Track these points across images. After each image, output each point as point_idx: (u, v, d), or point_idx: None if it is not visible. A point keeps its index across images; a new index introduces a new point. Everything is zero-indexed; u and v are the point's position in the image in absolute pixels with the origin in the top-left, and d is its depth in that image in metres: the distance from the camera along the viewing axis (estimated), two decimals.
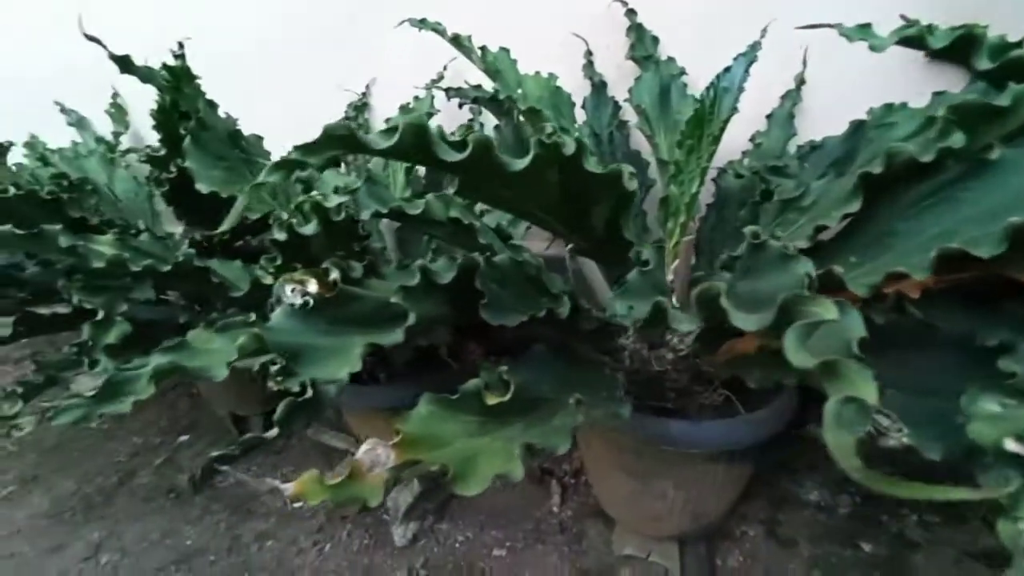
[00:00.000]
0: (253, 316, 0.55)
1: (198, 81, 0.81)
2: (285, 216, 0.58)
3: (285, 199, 0.89)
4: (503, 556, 0.93)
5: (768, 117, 0.94)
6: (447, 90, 1.00)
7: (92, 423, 0.71)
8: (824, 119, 0.90)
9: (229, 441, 1.27)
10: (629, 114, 1.03)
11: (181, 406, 1.44)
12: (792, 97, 0.92)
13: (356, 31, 1.21)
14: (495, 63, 0.83)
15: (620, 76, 1.02)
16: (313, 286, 0.43)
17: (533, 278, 0.60)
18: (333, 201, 0.58)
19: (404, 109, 1.04)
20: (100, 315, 0.69)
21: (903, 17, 0.71)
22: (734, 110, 0.73)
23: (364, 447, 0.39)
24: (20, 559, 1.01)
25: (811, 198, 0.63)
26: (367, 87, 1.23)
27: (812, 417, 0.78)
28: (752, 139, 0.94)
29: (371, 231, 0.83)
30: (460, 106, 1.06)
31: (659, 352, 0.76)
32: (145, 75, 0.78)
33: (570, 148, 0.46)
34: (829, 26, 0.67)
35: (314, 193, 0.58)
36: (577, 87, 1.04)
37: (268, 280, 0.67)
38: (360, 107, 1.23)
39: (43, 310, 0.93)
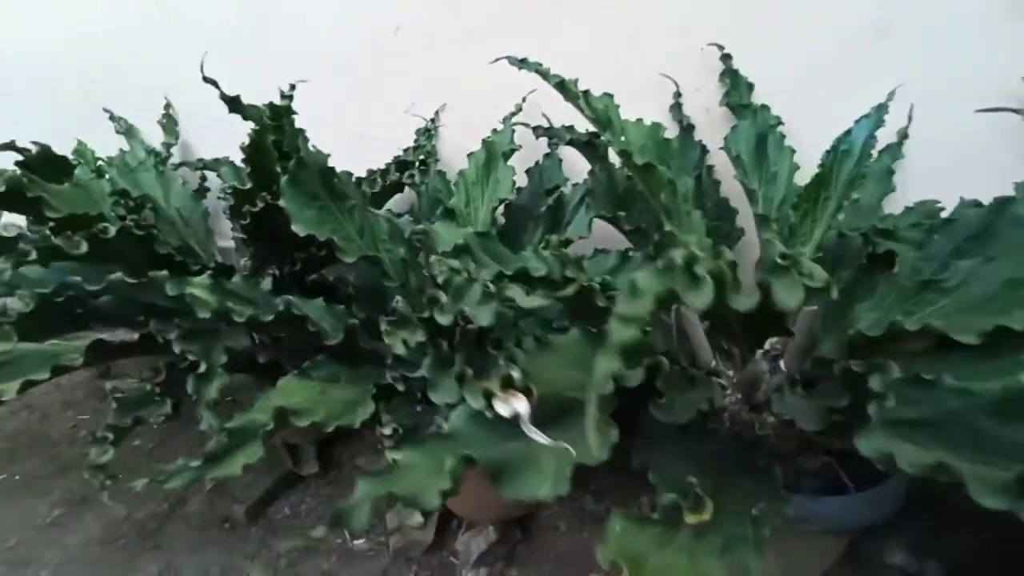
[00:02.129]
0: (444, 425, 0.48)
1: (295, 117, 0.78)
2: (443, 300, 0.56)
3: (372, 239, 0.87)
4: None
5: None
6: (536, 129, 0.98)
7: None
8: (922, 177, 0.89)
9: (282, 471, 1.24)
10: (713, 158, 1.01)
11: None
12: (892, 152, 0.90)
13: (423, 55, 1.19)
14: (603, 111, 0.81)
15: (709, 120, 1.00)
16: (524, 405, 0.40)
17: None
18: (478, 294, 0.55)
19: (486, 144, 1.01)
20: (203, 367, 0.67)
21: None
22: (860, 177, 0.71)
23: None
24: None
25: (956, 280, 0.61)
26: (436, 113, 1.21)
27: None
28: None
29: None
30: (537, 137, 1.04)
31: (761, 416, 0.74)
32: (251, 114, 0.76)
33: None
34: (1012, 111, 0.65)
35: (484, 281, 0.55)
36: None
37: (391, 340, 0.65)
38: (429, 132, 1.20)
39: (108, 336, 0.91)
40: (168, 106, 1.52)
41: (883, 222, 0.81)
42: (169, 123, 1.52)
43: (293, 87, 0.77)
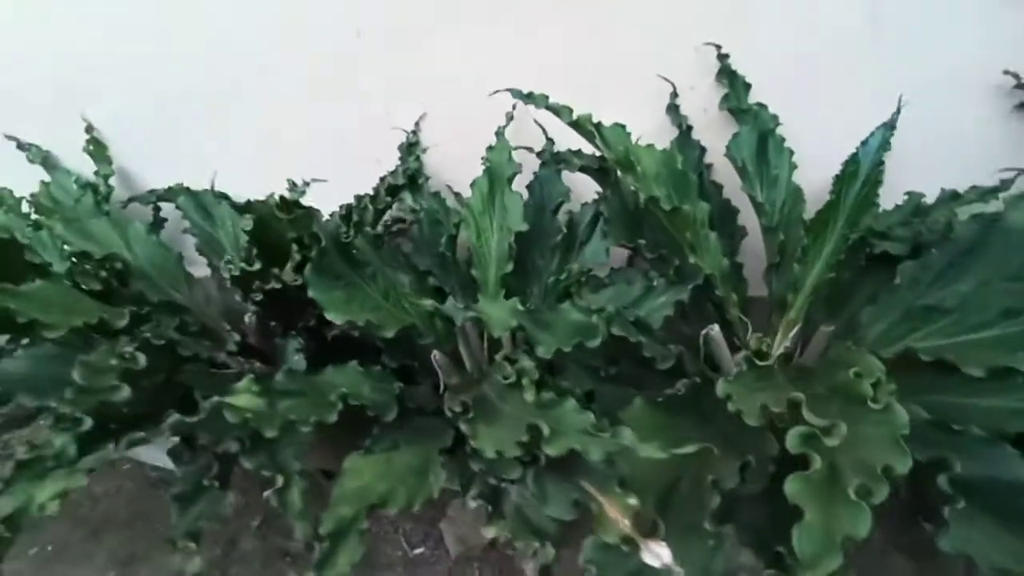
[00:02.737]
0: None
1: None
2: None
3: (397, 301, 0.86)
4: None
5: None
6: (541, 154, 0.95)
7: None
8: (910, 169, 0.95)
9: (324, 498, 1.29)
10: (711, 156, 1.02)
11: None
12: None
13: (391, 54, 1.08)
14: (616, 141, 0.80)
15: (707, 120, 1.00)
16: (667, 552, 0.45)
17: None
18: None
19: (488, 170, 0.97)
20: (280, 482, 0.68)
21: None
22: (869, 204, 0.76)
23: None
24: None
25: (954, 301, 0.69)
26: (416, 124, 1.13)
27: None
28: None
29: None
30: (542, 164, 1.02)
31: None
32: (259, 210, 0.69)
33: None
34: None
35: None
36: (657, 128, 1.02)
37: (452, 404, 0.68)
38: (412, 146, 1.13)
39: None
40: (90, 128, 1.32)
41: (878, 222, 0.88)
42: (98, 149, 1.33)
43: (307, 184, 0.70)
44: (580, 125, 0.79)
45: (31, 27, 1.21)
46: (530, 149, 0.98)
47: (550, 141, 1.06)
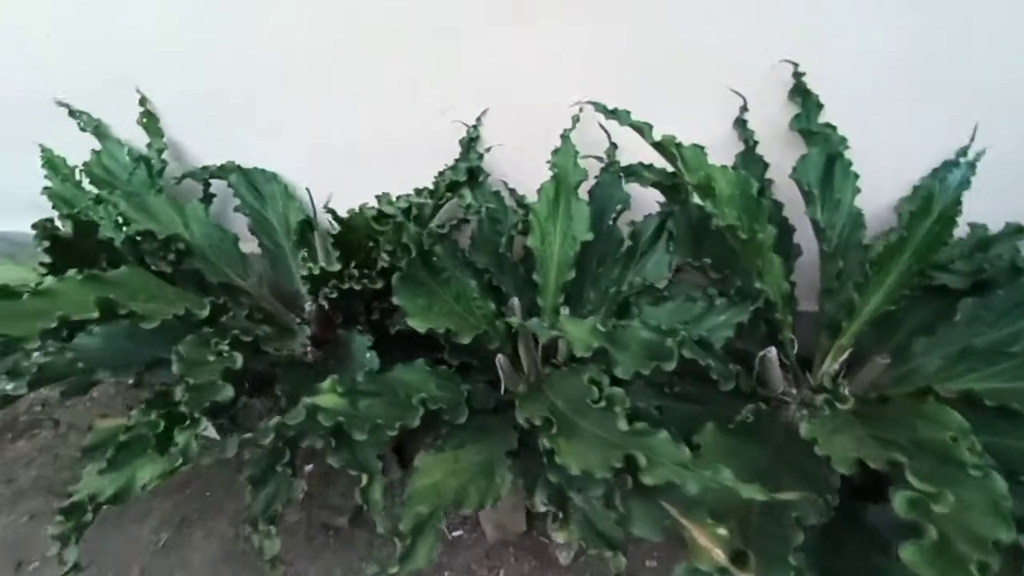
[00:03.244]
0: None
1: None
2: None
3: (467, 305, 0.89)
4: (655, 567, 1.13)
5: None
6: (608, 166, 0.96)
7: None
8: None
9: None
10: (772, 172, 1.03)
11: None
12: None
13: (460, 45, 1.07)
14: (697, 165, 0.81)
15: (772, 136, 1.00)
16: None
17: None
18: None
19: (555, 175, 0.98)
20: (364, 480, 0.72)
21: None
22: (939, 237, 0.77)
23: None
24: None
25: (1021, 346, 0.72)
26: (478, 119, 1.13)
27: None
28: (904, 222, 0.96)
29: None
30: (615, 175, 1.02)
31: None
32: (353, 221, 0.71)
33: None
34: None
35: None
36: (722, 140, 1.02)
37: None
38: (472, 141, 1.13)
39: None
40: (144, 100, 1.31)
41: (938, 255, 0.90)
42: (151, 121, 1.33)
43: (399, 197, 0.71)
44: (663, 146, 0.80)
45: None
46: (599, 159, 0.99)
47: (613, 146, 1.06)
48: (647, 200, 1.06)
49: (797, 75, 0.93)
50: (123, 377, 0.96)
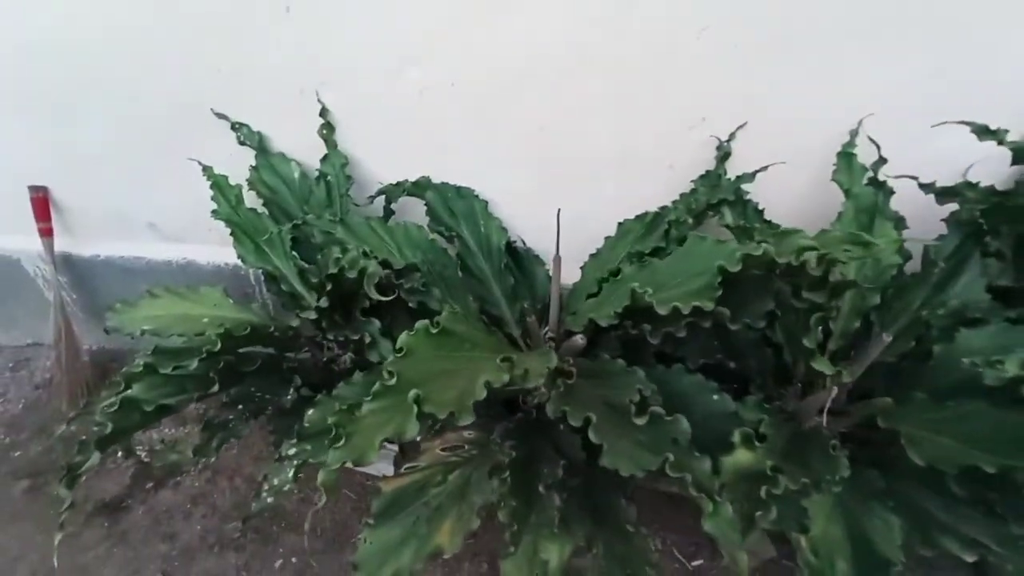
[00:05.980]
0: None
1: None
2: None
3: None
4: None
5: None
6: (925, 187, 0.91)
7: None
8: None
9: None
10: None
11: None
12: None
13: (723, 63, 0.99)
14: None
15: None
16: None
17: None
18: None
19: (852, 198, 0.92)
20: None
21: None
22: None
23: None
24: None
25: None
26: (732, 134, 1.06)
27: None
28: None
29: None
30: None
31: None
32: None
33: None
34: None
35: None
36: None
37: None
38: (725, 157, 1.06)
39: None
40: (324, 110, 1.16)
41: None
42: (329, 132, 1.19)
43: None
44: None
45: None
46: (914, 177, 0.93)
47: (882, 160, 1.01)
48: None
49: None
50: None
